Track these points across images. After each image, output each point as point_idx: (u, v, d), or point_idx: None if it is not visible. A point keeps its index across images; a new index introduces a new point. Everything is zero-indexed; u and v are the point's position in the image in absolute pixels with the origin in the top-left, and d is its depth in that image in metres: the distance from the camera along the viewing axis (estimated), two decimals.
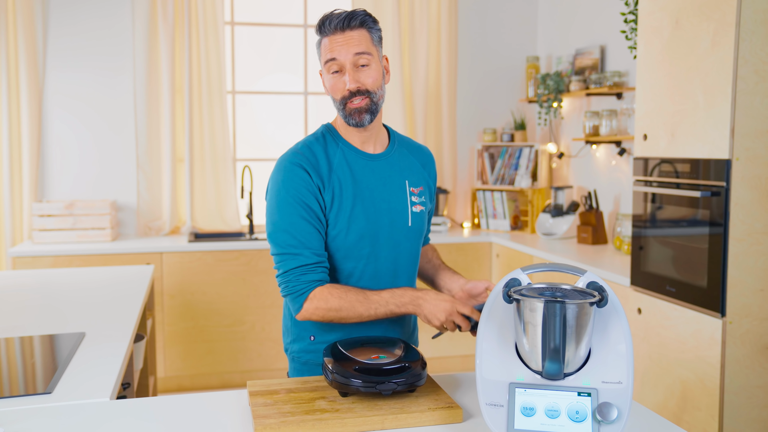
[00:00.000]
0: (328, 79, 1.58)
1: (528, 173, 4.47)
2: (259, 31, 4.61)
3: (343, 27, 1.53)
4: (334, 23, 1.54)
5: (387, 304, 1.52)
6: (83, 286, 2.73)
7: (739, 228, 2.35)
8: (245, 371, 4.05)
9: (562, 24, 4.52)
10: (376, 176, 1.63)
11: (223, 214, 4.39)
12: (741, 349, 2.37)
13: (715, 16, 2.37)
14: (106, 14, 4.24)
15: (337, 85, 1.56)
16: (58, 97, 4.21)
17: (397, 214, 1.64)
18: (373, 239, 1.61)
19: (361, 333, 1.65)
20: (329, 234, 1.60)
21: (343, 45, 1.53)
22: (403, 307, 1.53)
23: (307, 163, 1.57)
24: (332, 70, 1.56)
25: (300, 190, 1.55)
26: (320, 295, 1.53)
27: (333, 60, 1.54)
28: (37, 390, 1.54)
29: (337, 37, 1.54)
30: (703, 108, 2.44)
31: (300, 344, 1.69)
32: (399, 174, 1.67)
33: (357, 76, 1.55)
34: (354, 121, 1.58)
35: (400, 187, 1.66)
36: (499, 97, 4.83)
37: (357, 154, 1.63)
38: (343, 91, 1.56)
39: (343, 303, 1.52)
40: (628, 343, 1.29)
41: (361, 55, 1.54)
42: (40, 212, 3.95)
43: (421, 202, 1.69)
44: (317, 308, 1.54)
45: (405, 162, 1.70)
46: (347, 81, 1.54)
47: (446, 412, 1.38)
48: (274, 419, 1.32)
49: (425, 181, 1.73)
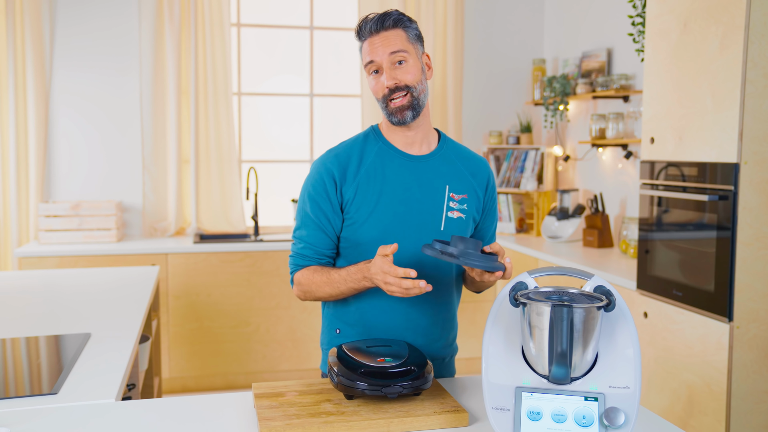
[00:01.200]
0: (370, 81, 1.63)
1: (534, 176, 4.46)
2: (265, 32, 4.61)
3: (377, 28, 1.59)
4: (369, 26, 1.60)
5: (345, 281, 1.57)
6: (89, 287, 2.73)
7: (747, 232, 2.34)
8: (250, 372, 4.05)
9: (568, 26, 4.51)
10: (412, 176, 1.64)
11: (229, 215, 4.39)
12: (748, 353, 2.35)
13: (723, 19, 2.36)
14: (112, 14, 4.25)
15: (378, 85, 1.61)
16: (65, 96, 4.22)
17: (431, 216, 1.63)
18: (400, 237, 1.61)
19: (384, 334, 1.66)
20: (350, 224, 1.64)
21: (379, 46, 1.59)
22: (359, 283, 1.55)
23: (333, 164, 1.64)
24: (372, 71, 1.62)
25: (316, 193, 1.64)
26: (298, 278, 1.66)
27: (371, 62, 1.60)
28: (43, 390, 1.54)
29: (374, 39, 1.60)
30: (711, 111, 2.43)
31: (328, 336, 1.74)
32: (440, 178, 1.66)
33: (394, 73, 1.59)
34: (396, 119, 1.61)
35: (439, 190, 1.65)
36: (505, 100, 4.82)
37: (396, 153, 1.66)
38: (383, 89, 1.60)
39: (312, 285, 1.63)
40: (635, 347, 1.28)
41: (396, 54, 1.58)
42: (47, 213, 3.96)
43: (462, 209, 1.66)
44: (299, 289, 1.67)
45: (450, 167, 1.68)
46: (385, 79, 1.59)
47: (452, 416, 1.37)
48: (280, 422, 1.32)
49: (473, 190, 1.70)
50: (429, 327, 1.69)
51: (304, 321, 4.08)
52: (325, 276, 1.61)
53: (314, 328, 4.09)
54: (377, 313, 1.66)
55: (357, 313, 1.67)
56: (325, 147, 4.80)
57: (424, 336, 1.68)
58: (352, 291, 1.58)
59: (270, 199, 4.63)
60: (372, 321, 1.66)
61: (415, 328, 1.67)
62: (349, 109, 4.72)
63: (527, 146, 4.56)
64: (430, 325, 1.69)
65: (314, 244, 1.66)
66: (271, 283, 4.02)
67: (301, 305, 4.06)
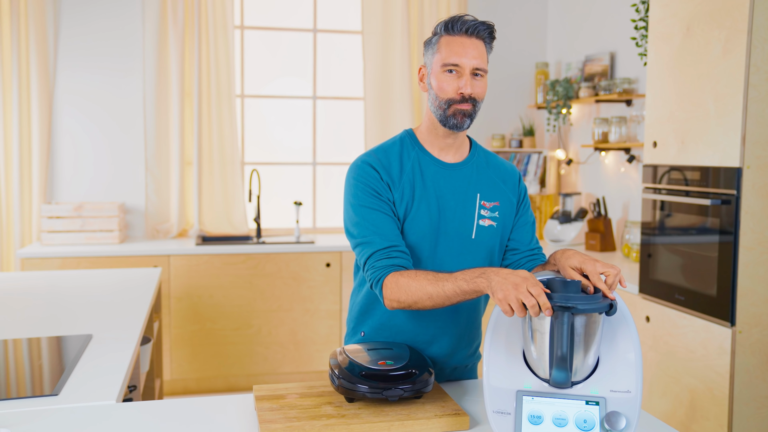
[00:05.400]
0: (442, 77, 1.56)
1: (536, 179, 4.46)
2: (269, 34, 4.62)
3: (470, 33, 1.55)
4: (465, 26, 1.55)
5: (455, 279, 1.41)
6: (91, 288, 2.73)
7: (750, 237, 2.33)
8: (252, 375, 4.05)
9: (571, 30, 4.51)
10: (447, 184, 1.62)
11: (231, 217, 4.39)
12: (751, 358, 2.35)
13: (726, 23, 2.36)
14: (116, 15, 4.26)
15: (451, 85, 1.56)
16: (68, 97, 4.23)
17: (462, 224, 1.62)
18: (433, 244, 1.60)
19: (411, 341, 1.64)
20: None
21: (471, 50, 1.55)
22: (472, 282, 1.38)
23: (377, 164, 1.60)
24: (448, 70, 1.56)
25: (370, 184, 1.58)
26: (392, 280, 1.49)
27: (456, 64, 1.55)
28: (44, 392, 1.54)
29: (464, 40, 1.55)
30: (714, 116, 2.42)
31: (352, 339, 1.71)
32: (472, 186, 1.64)
33: (473, 83, 1.56)
34: (455, 122, 1.57)
35: (470, 198, 1.63)
36: (508, 103, 4.82)
37: (431, 160, 1.63)
38: (455, 92, 1.55)
39: (411, 283, 1.46)
40: (637, 351, 1.28)
41: (481, 68, 1.56)
42: (49, 214, 3.97)
43: (493, 217, 1.65)
44: (392, 293, 1.49)
45: (481, 175, 1.67)
46: (464, 85, 1.54)
47: (453, 419, 1.37)
48: (280, 424, 1.32)
49: (505, 197, 1.68)
50: (457, 336, 1.67)
51: (306, 323, 4.08)
52: (431, 274, 1.47)
53: (316, 330, 4.09)
54: (406, 320, 1.63)
55: (385, 317, 1.64)
56: (328, 149, 4.83)
57: (450, 345, 1.66)
58: (460, 292, 1.41)
59: (272, 202, 4.64)
60: (400, 326, 1.64)
61: (442, 336, 1.65)
62: (351, 111, 4.72)
63: (530, 150, 4.56)
64: (458, 335, 1.67)
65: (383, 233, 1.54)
66: (273, 285, 4.02)
67: (302, 307, 4.06)
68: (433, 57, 1.59)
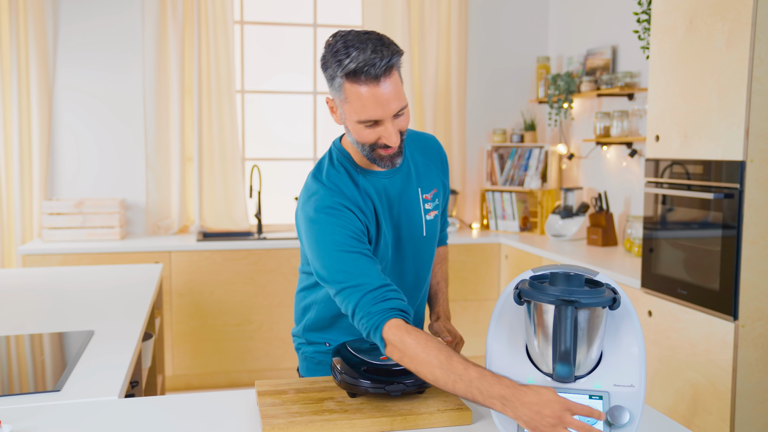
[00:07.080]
0: (358, 128, 1.40)
1: (538, 174, 4.45)
2: (269, 30, 4.60)
3: (380, 76, 1.33)
4: (373, 72, 1.33)
5: (470, 383, 1.22)
6: (92, 285, 2.73)
7: (753, 230, 2.32)
8: (253, 370, 4.05)
9: (573, 24, 4.50)
10: (394, 193, 1.57)
11: (232, 213, 4.39)
12: (753, 352, 2.34)
13: (730, 15, 2.34)
14: (115, 11, 4.25)
15: (371, 136, 1.41)
16: (68, 93, 4.22)
17: (414, 226, 1.60)
18: (395, 253, 1.58)
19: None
20: None
21: (384, 97, 1.35)
22: (488, 401, 1.21)
23: (349, 203, 1.46)
24: (368, 125, 1.40)
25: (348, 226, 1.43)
26: (396, 336, 1.31)
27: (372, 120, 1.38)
28: (46, 388, 1.54)
29: (375, 90, 1.34)
30: (717, 109, 2.41)
31: (315, 347, 1.69)
32: (411, 184, 1.60)
33: (397, 128, 1.41)
34: (386, 165, 1.45)
35: (414, 197, 1.60)
36: (509, 98, 4.81)
37: (374, 175, 1.54)
38: (377, 141, 1.42)
39: (418, 356, 1.28)
40: (640, 346, 1.28)
41: (401, 108, 1.39)
42: (50, 210, 3.96)
43: (435, 206, 1.63)
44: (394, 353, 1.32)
45: (417, 167, 1.62)
46: (387, 136, 1.39)
47: (456, 414, 1.36)
48: (283, 419, 1.32)
49: (438, 179, 1.66)
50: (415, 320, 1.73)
51: None
52: (443, 354, 1.26)
53: None
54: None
55: (346, 322, 1.62)
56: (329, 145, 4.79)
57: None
58: (470, 398, 1.23)
59: (273, 197, 4.63)
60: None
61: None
62: None
63: (531, 144, 4.55)
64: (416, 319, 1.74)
65: (370, 273, 1.38)
66: (274, 281, 4.02)
67: None
68: (342, 103, 1.40)
